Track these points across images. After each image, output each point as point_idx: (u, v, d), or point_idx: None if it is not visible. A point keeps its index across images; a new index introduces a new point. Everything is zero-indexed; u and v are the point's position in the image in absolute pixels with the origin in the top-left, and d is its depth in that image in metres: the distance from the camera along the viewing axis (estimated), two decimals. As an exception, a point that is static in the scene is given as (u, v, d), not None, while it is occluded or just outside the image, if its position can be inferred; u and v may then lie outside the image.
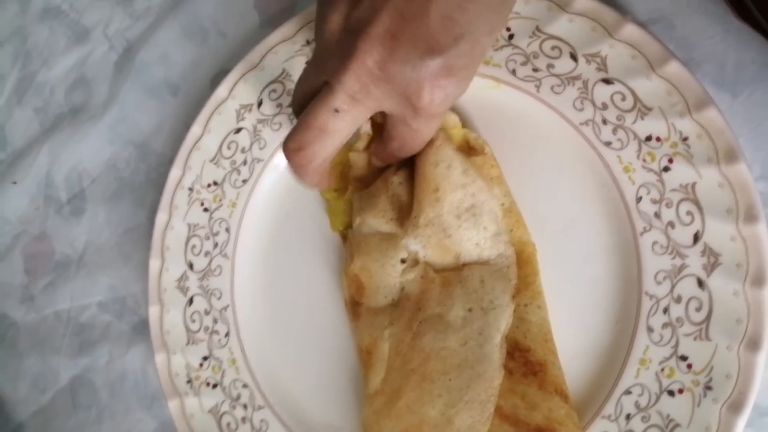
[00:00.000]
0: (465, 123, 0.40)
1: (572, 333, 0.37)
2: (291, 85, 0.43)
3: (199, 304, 0.45)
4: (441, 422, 0.34)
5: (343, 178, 0.42)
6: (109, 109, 0.52)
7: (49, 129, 0.55)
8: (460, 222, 0.36)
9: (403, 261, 0.38)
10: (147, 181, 0.51)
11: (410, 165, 0.39)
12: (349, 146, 0.42)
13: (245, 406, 0.43)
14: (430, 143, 0.36)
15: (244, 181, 0.44)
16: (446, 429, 0.34)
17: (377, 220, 0.39)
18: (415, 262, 0.38)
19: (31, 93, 0.56)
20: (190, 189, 0.45)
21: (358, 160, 0.41)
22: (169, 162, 0.46)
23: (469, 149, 0.38)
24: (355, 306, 0.40)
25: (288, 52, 0.42)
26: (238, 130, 0.44)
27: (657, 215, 0.35)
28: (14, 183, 0.56)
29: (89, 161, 0.53)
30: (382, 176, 0.39)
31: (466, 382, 0.35)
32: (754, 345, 0.32)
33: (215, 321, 0.44)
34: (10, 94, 0.57)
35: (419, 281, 0.38)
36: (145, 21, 0.52)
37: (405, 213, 0.38)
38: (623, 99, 0.35)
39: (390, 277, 0.38)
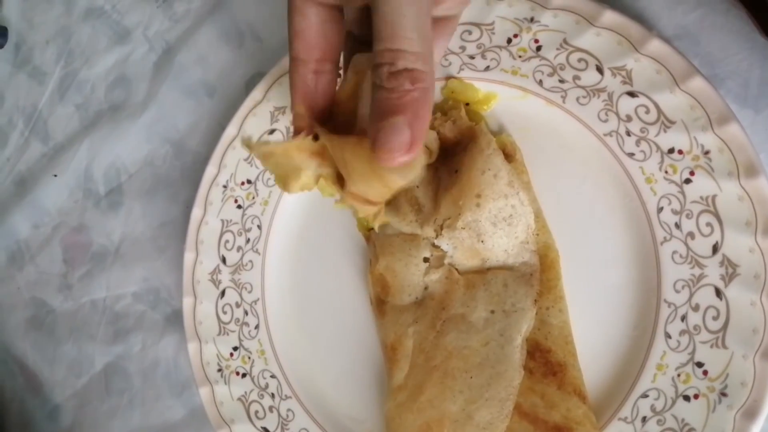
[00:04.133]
0: (494, 130, 0.41)
1: (592, 336, 0.38)
2: (324, 90, 0.45)
3: (231, 296, 0.47)
4: (461, 417, 0.36)
5: None
6: (147, 107, 0.54)
7: (89, 125, 0.57)
8: (496, 229, 0.37)
9: (425, 260, 0.40)
10: (182, 178, 0.53)
11: (431, 169, 0.41)
12: None
13: (273, 396, 0.45)
14: (480, 150, 0.37)
15: (276, 181, 0.46)
16: (466, 424, 0.36)
17: (399, 222, 0.40)
18: (440, 262, 0.40)
19: (73, 90, 0.59)
20: (225, 186, 0.47)
21: None
22: (205, 160, 0.48)
23: (505, 155, 0.40)
24: (380, 304, 0.42)
25: (322, 58, 0.44)
26: (272, 131, 0.46)
27: (677, 225, 0.36)
28: (55, 176, 0.58)
29: (127, 157, 0.55)
30: None
31: (487, 380, 0.36)
32: (769, 354, 0.33)
33: (246, 313, 0.46)
34: (53, 91, 0.59)
35: (443, 282, 0.39)
36: (183, 24, 0.54)
37: (424, 214, 0.39)
38: (647, 112, 0.37)
39: (414, 276, 0.40)
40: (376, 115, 0.23)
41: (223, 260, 0.47)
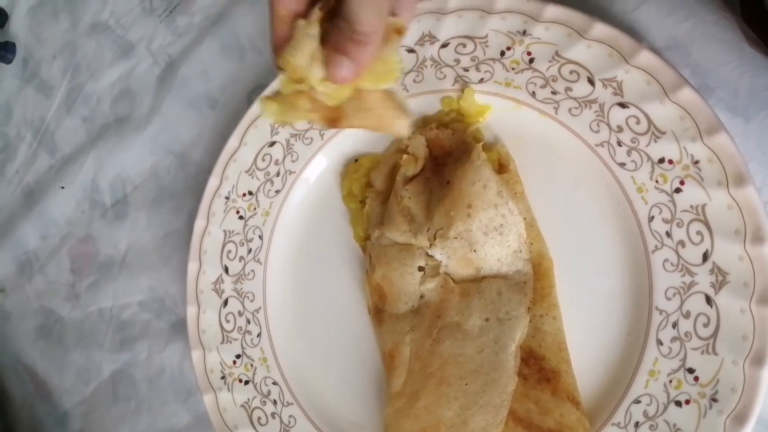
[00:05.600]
0: (489, 141, 0.42)
1: (585, 343, 0.38)
2: (323, 102, 0.46)
3: (234, 305, 0.48)
4: (456, 423, 0.37)
5: (366, 189, 0.45)
6: (151, 120, 0.56)
7: (95, 137, 0.59)
8: (487, 239, 0.38)
9: (420, 269, 0.41)
10: (186, 189, 0.54)
11: (422, 180, 0.41)
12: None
13: (275, 402, 0.46)
14: (471, 162, 0.38)
15: (277, 192, 0.47)
16: (461, 430, 0.36)
17: (393, 233, 0.41)
18: (436, 272, 0.40)
19: (79, 103, 0.60)
20: (227, 198, 0.48)
21: (379, 174, 0.44)
22: (207, 171, 0.49)
23: (499, 166, 0.40)
24: (378, 312, 0.42)
25: (320, 71, 0.45)
26: (272, 144, 0.47)
27: (668, 234, 0.37)
28: (62, 187, 0.59)
29: (132, 169, 0.57)
30: (393, 191, 0.42)
31: (482, 387, 0.37)
32: (759, 360, 0.33)
33: (248, 322, 0.47)
34: (60, 104, 0.61)
35: (439, 290, 0.40)
36: (186, 38, 0.55)
37: (417, 224, 0.40)
38: (638, 122, 0.37)
39: (409, 285, 0.41)
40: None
41: (226, 270, 0.48)
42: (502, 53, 0.41)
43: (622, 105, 0.38)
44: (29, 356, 0.60)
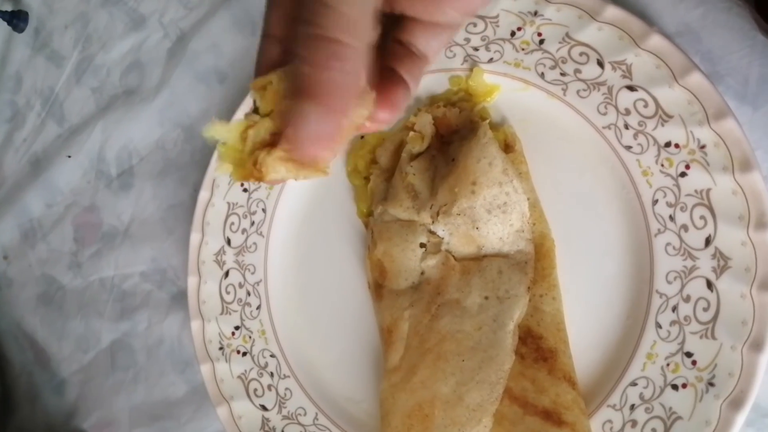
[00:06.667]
0: (496, 121, 0.42)
1: (584, 325, 0.38)
2: (331, 78, 0.46)
3: (234, 277, 0.48)
4: (452, 399, 0.37)
5: (370, 166, 0.45)
6: (160, 92, 0.56)
7: (103, 108, 0.59)
8: (490, 216, 0.38)
9: (422, 245, 0.41)
10: (192, 162, 0.54)
11: (427, 157, 0.41)
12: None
13: (272, 375, 0.46)
14: (477, 139, 0.38)
15: (282, 166, 0.47)
16: (457, 405, 0.36)
17: (396, 209, 0.41)
18: (437, 249, 0.40)
19: (89, 74, 0.60)
20: (232, 170, 0.48)
21: (384, 151, 0.44)
22: (214, 145, 0.49)
23: (505, 146, 0.40)
24: (378, 288, 0.43)
25: (330, 47, 0.45)
26: (280, 118, 0.47)
27: (671, 218, 0.36)
28: (69, 157, 0.60)
29: (139, 140, 0.57)
30: (398, 167, 0.42)
31: (478, 363, 0.37)
32: (757, 346, 0.33)
33: (248, 294, 0.47)
34: (70, 74, 0.61)
35: (440, 267, 0.40)
36: (198, 12, 0.55)
37: (420, 200, 0.40)
38: (645, 106, 0.37)
39: (410, 262, 0.41)
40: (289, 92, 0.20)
41: (228, 242, 0.48)
42: (513, 33, 0.41)
43: (631, 88, 0.38)
44: (29, 323, 0.60)
